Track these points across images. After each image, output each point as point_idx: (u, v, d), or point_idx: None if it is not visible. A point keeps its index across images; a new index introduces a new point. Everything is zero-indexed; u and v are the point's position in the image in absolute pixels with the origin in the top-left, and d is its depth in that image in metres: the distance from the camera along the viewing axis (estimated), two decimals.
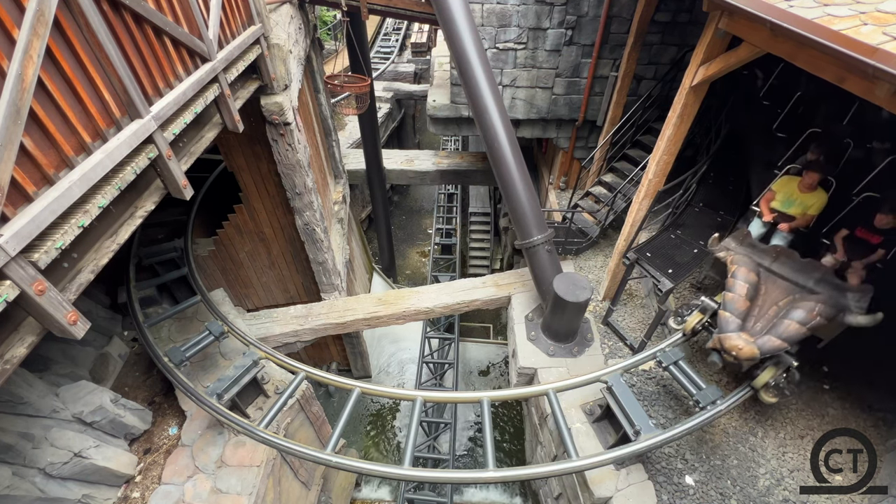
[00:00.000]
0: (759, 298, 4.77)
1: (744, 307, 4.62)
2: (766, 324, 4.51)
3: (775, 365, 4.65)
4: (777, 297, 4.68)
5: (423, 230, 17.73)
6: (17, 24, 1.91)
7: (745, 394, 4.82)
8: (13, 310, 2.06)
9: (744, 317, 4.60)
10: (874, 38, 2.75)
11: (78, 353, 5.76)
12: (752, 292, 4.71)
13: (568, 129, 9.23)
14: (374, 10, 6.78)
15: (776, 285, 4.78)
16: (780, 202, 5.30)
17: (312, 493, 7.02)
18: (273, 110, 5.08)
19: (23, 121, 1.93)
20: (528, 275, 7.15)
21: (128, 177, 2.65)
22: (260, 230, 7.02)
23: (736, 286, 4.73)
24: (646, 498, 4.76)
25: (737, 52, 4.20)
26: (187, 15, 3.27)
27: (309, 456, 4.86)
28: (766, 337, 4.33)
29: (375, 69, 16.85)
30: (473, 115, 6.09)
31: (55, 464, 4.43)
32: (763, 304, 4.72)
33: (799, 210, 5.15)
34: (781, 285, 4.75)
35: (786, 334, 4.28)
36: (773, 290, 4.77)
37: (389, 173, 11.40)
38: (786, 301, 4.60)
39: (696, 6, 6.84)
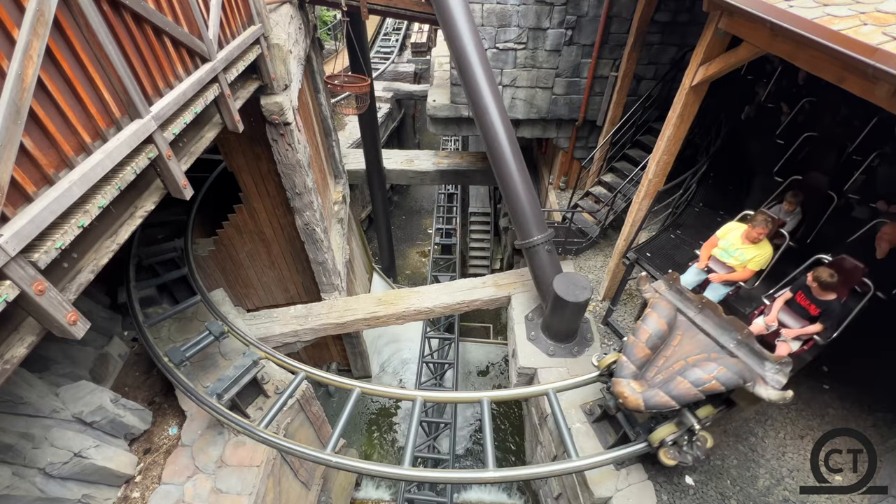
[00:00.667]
0: (668, 349, 4.44)
1: (642, 354, 4.34)
2: (667, 377, 4.21)
3: (676, 423, 4.33)
4: (689, 352, 4.34)
5: (423, 230, 17.73)
6: (17, 24, 1.91)
7: (639, 448, 4.52)
8: (13, 310, 2.06)
9: (642, 364, 4.35)
10: (874, 38, 2.76)
11: (78, 353, 5.76)
12: (654, 341, 4.39)
13: (568, 129, 9.23)
14: (374, 10, 6.78)
15: (694, 339, 4.42)
16: (720, 250, 4.87)
17: (312, 493, 7.02)
18: (273, 110, 5.08)
19: (23, 121, 1.93)
20: (528, 275, 7.15)
21: (128, 177, 2.65)
22: (260, 230, 7.02)
23: (639, 332, 4.46)
24: (646, 498, 4.76)
25: (737, 52, 4.20)
26: (187, 15, 3.27)
27: (309, 456, 4.86)
28: (655, 391, 4.08)
29: (375, 69, 16.85)
30: (473, 115, 6.09)
31: (55, 464, 4.42)
32: (672, 356, 4.40)
33: (738, 262, 4.71)
34: (700, 340, 4.39)
35: (675, 392, 4.00)
36: (688, 343, 4.42)
37: (389, 173, 11.40)
38: (697, 357, 4.26)
39: (696, 6, 6.84)
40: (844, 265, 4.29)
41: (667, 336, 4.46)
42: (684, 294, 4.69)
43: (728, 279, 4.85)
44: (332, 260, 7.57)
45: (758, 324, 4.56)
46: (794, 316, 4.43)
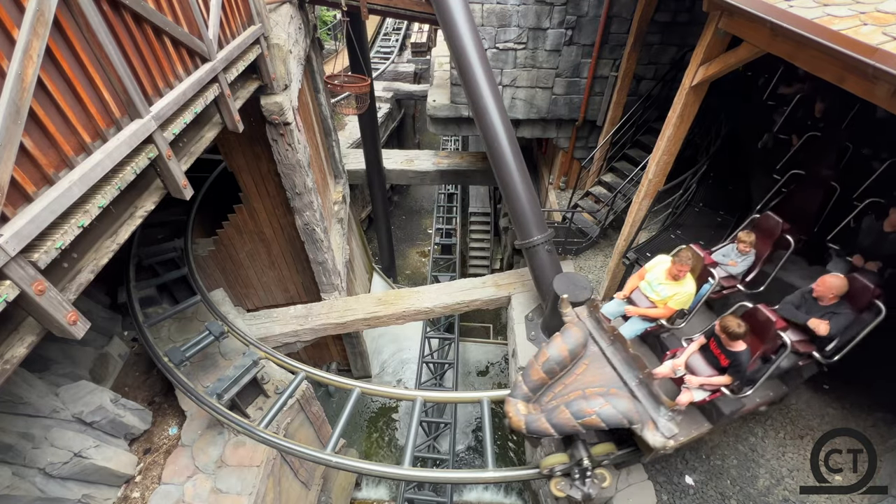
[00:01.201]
0: (570, 376, 4.28)
1: (536, 378, 4.18)
2: (557, 404, 4.05)
3: (569, 454, 4.22)
4: (590, 383, 4.18)
5: (423, 230, 17.73)
6: (17, 24, 1.91)
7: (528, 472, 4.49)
8: (13, 310, 2.06)
9: (536, 387, 4.18)
10: (874, 38, 2.75)
11: (78, 353, 5.76)
12: (552, 366, 4.20)
13: (568, 129, 9.23)
14: (374, 10, 6.78)
15: (600, 371, 4.27)
16: (645, 283, 4.62)
17: (312, 493, 7.02)
18: (273, 110, 5.08)
19: (23, 121, 1.93)
20: (528, 275, 7.15)
21: (128, 177, 2.65)
22: (260, 230, 7.02)
23: (539, 354, 4.29)
24: (646, 498, 4.76)
25: (737, 52, 4.20)
26: (187, 15, 3.27)
27: (309, 456, 4.86)
28: (538, 416, 3.95)
29: (375, 69, 16.84)
30: (473, 115, 6.09)
31: (55, 464, 4.43)
32: (572, 384, 4.22)
33: (658, 298, 4.46)
34: (606, 373, 4.24)
35: (555, 420, 3.85)
36: (593, 374, 4.26)
37: (389, 173, 11.40)
38: (595, 390, 4.09)
39: (696, 6, 6.85)
40: (757, 315, 4.05)
41: (567, 363, 4.26)
42: (601, 323, 4.55)
43: (644, 314, 4.58)
44: (332, 260, 7.57)
45: (665, 366, 4.35)
46: (705, 363, 4.20)
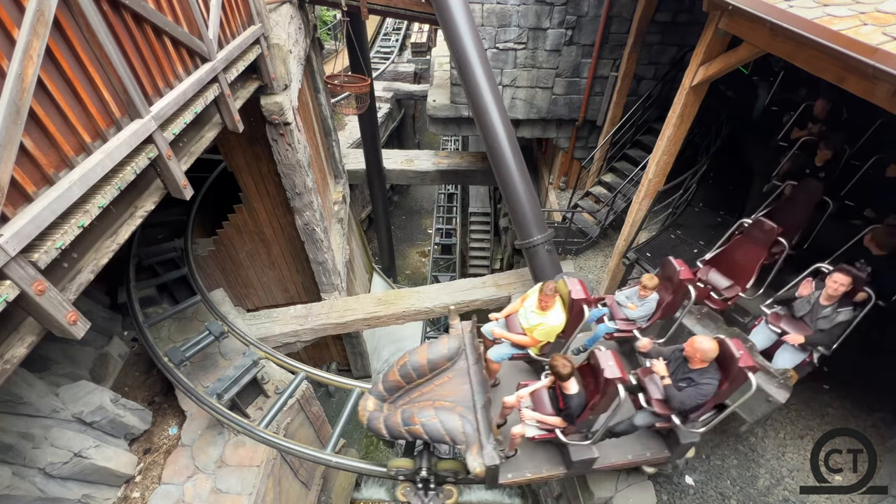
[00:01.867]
0: (429, 386, 4.34)
1: (392, 380, 4.26)
2: (407, 408, 4.16)
3: (413, 460, 4.32)
4: (445, 396, 4.21)
5: (423, 230, 17.73)
6: (17, 24, 1.91)
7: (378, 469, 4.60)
8: (13, 310, 2.06)
9: (391, 389, 4.26)
10: (874, 38, 2.76)
11: (78, 353, 5.76)
12: (407, 371, 4.25)
13: (568, 129, 9.23)
14: (374, 10, 6.78)
15: (459, 387, 4.26)
16: (522, 308, 4.45)
17: (312, 493, 7.02)
18: (273, 110, 5.07)
19: (23, 121, 1.93)
20: (528, 275, 7.15)
21: (128, 177, 2.65)
22: (260, 230, 7.02)
23: (400, 358, 4.35)
24: (646, 498, 4.76)
25: (737, 51, 4.20)
26: (187, 15, 3.27)
27: (309, 456, 4.87)
28: (379, 414, 4.07)
29: (375, 69, 16.84)
30: (473, 115, 6.09)
31: (55, 464, 4.43)
32: (427, 393, 4.28)
33: (527, 326, 4.27)
34: (463, 389, 4.23)
35: (389, 422, 3.96)
36: (452, 388, 4.28)
37: (389, 173, 11.39)
38: (445, 403, 4.14)
39: (696, 6, 6.84)
40: (597, 363, 3.80)
41: (425, 372, 4.29)
42: (475, 341, 4.59)
43: (509, 339, 4.42)
44: (332, 260, 7.57)
45: (513, 396, 4.20)
46: (549, 400, 4.10)
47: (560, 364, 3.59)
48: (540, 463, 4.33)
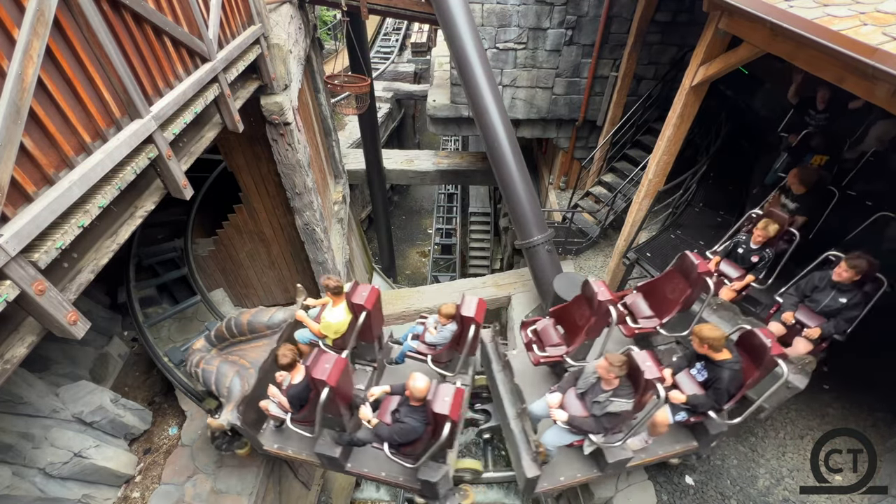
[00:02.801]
0: (247, 345, 5.00)
1: (218, 331, 4.98)
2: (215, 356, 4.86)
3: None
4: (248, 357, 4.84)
5: (423, 230, 17.73)
6: (17, 24, 1.91)
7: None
8: (13, 310, 2.06)
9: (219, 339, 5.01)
10: (874, 39, 2.76)
11: (78, 353, 5.76)
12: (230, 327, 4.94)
13: (568, 129, 9.23)
14: (374, 10, 6.78)
15: (264, 353, 4.62)
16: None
17: (312, 493, 7.01)
18: (273, 110, 5.07)
19: (23, 121, 1.93)
20: (528, 275, 7.15)
21: (128, 177, 2.64)
22: (260, 230, 7.02)
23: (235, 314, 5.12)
24: (646, 498, 4.76)
25: (737, 52, 4.20)
26: (187, 15, 3.27)
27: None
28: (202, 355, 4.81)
29: (375, 69, 16.84)
30: (473, 115, 6.09)
31: (55, 464, 4.42)
32: (241, 350, 4.91)
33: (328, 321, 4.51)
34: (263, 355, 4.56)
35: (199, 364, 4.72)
36: (257, 352, 4.78)
37: (389, 173, 11.40)
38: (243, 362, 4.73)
39: (696, 6, 6.85)
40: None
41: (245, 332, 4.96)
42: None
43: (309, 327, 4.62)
44: (332, 260, 7.56)
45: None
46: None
47: (280, 353, 3.77)
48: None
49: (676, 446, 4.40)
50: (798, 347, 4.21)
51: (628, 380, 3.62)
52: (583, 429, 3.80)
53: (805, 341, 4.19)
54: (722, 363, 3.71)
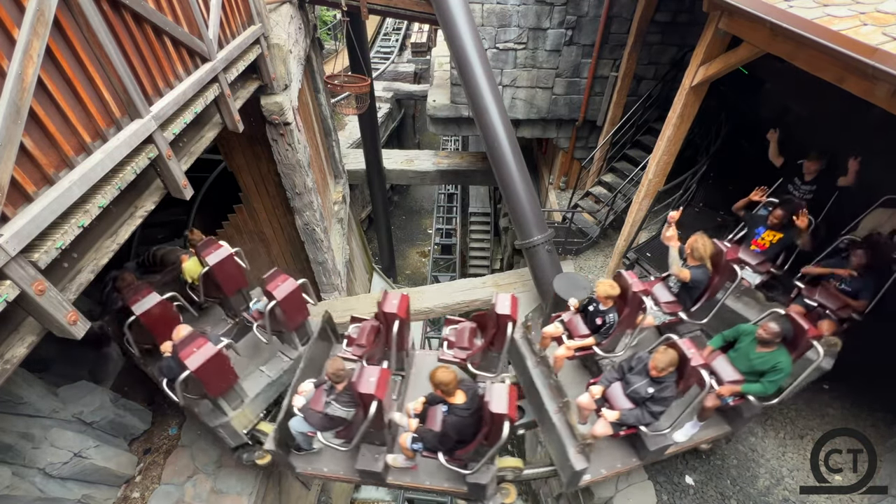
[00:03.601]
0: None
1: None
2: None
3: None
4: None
5: (423, 230, 17.73)
6: (17, 24, 1.91)
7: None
8: (13, 310, 2.06)
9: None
10: (874, 39, 2.76)
11: (77, 353, 5.76)
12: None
13: (568, 129, 9.23)
14: (374, 10, 6.78)
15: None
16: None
17: (312, 493, 7.02)
18: (273, 110, 5.07)
19: (23, 121, 1.93)
20: (528, 275, 7.15)
21: (128, 177, 2.65)
22: (260, 230, 7.02)
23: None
24: (646, 498, 4.76)
25: (737, 52, 4.20)
26: (187, 15, 3.27)
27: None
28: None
29: (375, 69, 16.84)
30: (473, 115, 6.09)
31: (55, 464, 4.42)
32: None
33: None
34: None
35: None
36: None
37: (389, 173, 11.39)
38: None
39: (696, 6, 6.85)
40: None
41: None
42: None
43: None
44: (332, 260, 7.56)
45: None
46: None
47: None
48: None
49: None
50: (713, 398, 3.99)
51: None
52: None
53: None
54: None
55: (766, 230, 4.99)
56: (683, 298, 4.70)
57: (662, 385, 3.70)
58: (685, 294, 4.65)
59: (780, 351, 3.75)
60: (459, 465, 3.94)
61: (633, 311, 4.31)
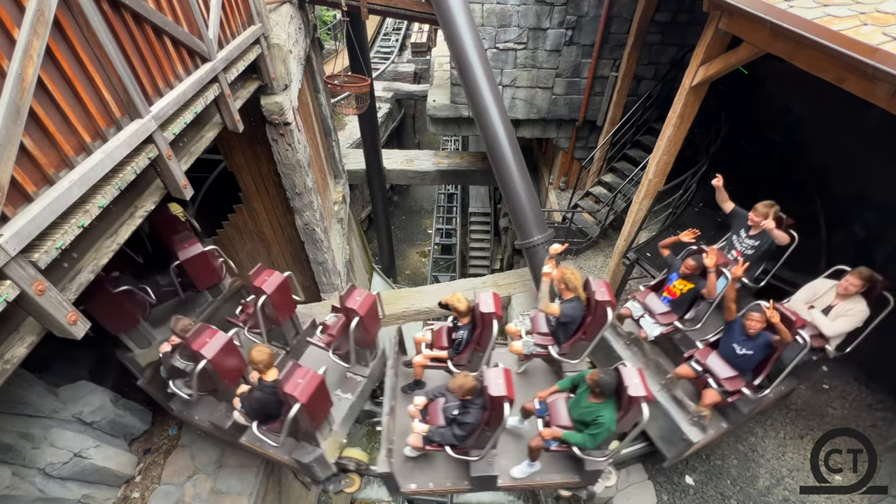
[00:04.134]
0: None
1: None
2: None
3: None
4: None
5: (423, 230, 17.73)
6: (17, 24, 1.91)
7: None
8: (13, 310, 2.05)
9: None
10: (874, 39, 2.76)
11: (78, 352, 5.75)
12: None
13: (568, 129, 9.23)
14: (374, 10, 6.78)
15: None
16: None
17: (312, 493, 7.02)
18: (273, 110, 5.07)
19: (23, 121, 1.93)
20: (528, 275, 7.15)
21: (128, 177, 2.64)
22: (260, 230, 7.01)
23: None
24: (646, 498, 4.76)
25: (737, 52, 4.20)
26: (187, 15, 3.27)
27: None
28: None
29: (375, 69, 16.84)
30: (473, 115, 6.09)
31: (55, 464, 4.42)
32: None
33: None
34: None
35: None
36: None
37: (389, 173, 11.40)
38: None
39: (696, 6, 6.86)
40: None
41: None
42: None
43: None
44: (332, 260, 7.56)
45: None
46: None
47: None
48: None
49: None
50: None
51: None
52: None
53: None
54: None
55: (678, 278, 4.66)
56: (559, 334, 4.55)
57: (466, 410, 3.70)
58: (561, 330, 4.50)
59: (606, 405, 3.58)
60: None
61: (483, 332, 4.27)
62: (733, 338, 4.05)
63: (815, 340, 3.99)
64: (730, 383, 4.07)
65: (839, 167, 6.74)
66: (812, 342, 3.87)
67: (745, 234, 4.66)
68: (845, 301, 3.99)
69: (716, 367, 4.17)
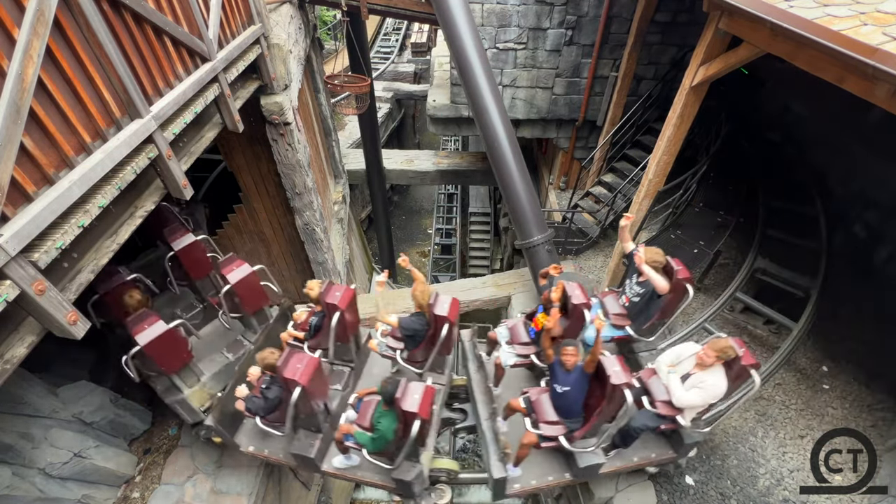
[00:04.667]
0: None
1: None
2: None
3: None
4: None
5: (423, 230, 17.73)
6: (17, 24, 1.91)
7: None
8: (13, 310, 2.05)
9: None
10: (874, 39, 2.76)
11: (77, 352, 5.75)
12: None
13: (568, 129, 9.23)
14: (374, 10, 6.78)
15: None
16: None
17: (312, 493, 7.01)
18: (273, 110, 5.07)
19: (23, 120, 1.93)
20: (528, 275, 7.15)
21: (128, 177, 2.64)
22: (260, 230, 7.01)
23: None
24: (646, 498, 4.76)
25: (737, 52, 4.20)
26: (187, 15, 3.27)
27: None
28: None
29: (375, 69, 16.83)
30: (473, 115, 6.10)
31: (55, 464, 4.42)
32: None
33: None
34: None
35: None
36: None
37: (389, 173, 11.40)
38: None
39: (696, 6, 6.86)
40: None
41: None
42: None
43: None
44: (332, 260, 7.56)
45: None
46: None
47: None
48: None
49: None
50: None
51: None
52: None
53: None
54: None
55: (542, 311, 4.49)
56: (409, 345, 4.56)
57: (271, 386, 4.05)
58: (410, 342, 4.50)
59: (389, 413, 3.68)
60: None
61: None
62: (556, 378, 3.87)
63: (665, 408, 3.86)
64: (548, 427, 3.94)
65: (839, 167, 6.75)
66: (661, 409, 3.81)
67: (634, 279, 4.36)
68: (702, 371, 3.70)
69: (541, 407, 4.01)
